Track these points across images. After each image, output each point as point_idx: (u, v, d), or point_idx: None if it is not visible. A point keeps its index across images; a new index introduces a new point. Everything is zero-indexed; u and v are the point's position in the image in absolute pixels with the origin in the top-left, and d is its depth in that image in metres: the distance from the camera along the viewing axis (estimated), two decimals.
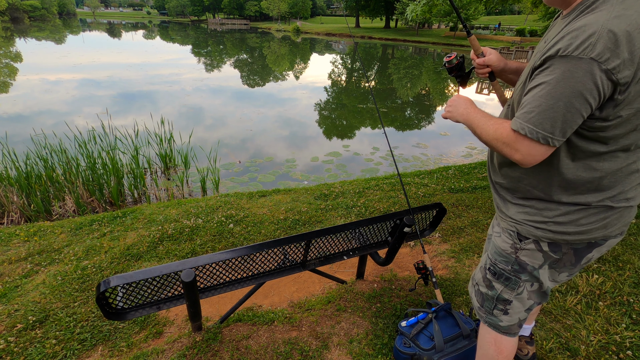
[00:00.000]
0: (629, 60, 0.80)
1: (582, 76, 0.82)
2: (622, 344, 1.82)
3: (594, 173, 0.97)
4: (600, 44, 0.79)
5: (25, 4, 73.25)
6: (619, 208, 1.02)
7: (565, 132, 0.90)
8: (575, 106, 0.85)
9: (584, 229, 1.03)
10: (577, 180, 0.99)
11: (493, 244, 1.23)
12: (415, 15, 6.83)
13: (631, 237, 2.82)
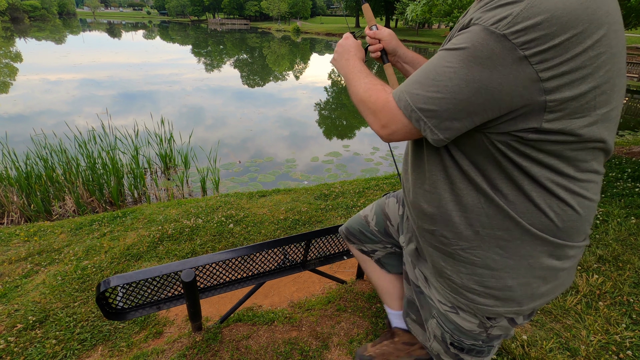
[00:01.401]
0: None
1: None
2: (622, 344, 1.82)
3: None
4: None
5: (25, 4, 73.29)
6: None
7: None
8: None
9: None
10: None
11: (446, 319, 0.94)
12: (415, 15, 6.83)
13: (631, 237, 2.82)
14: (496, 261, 0.76)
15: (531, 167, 0.67)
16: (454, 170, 0.74)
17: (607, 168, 4.57)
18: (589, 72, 0.57)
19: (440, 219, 0.79)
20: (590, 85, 0.58)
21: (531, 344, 1.83)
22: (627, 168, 4.47)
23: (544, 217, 0.70)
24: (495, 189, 0.71)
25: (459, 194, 0.75)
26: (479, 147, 0.69)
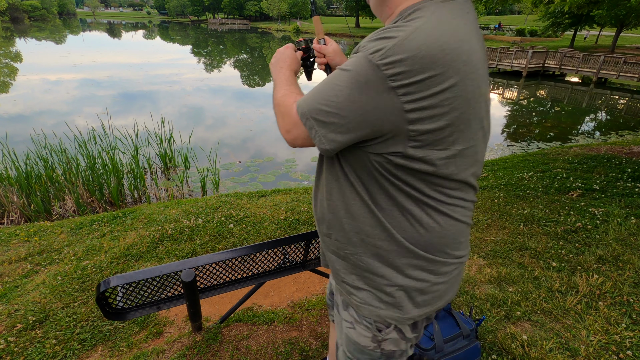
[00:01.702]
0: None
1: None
2: (622, 344, 1.82)
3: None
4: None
5: (25, 4, 73.26)
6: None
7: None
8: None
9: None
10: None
11: (346, 336, 0.97)
12: None
13: (631, 237, 2.82)
14: (378, 268, 0.82)
15: (403, 187, 0.74)
16: (344, 181, 0.81)
17: (607, 168, 4.57)
18: (446, 111, 0.64)
19: (334, 225, 0.86)
20: (447, 122, 0.66)
21: (531, 344, 1.83)
22: (627, 168, 4.47)
23: (415, 232, 0.77)
24: (375, 202, 0.78)
25: (348, 203, 0.81)
26: (361, 162, 0.76)
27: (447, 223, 0.79)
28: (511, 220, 3.25)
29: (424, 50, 0.61)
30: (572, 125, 10.35)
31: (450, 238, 0.81)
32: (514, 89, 16.43)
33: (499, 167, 5.21)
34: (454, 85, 0.64)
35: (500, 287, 2.32)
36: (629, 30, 29.37)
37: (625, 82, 17.76)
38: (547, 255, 2.64)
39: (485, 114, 0.74)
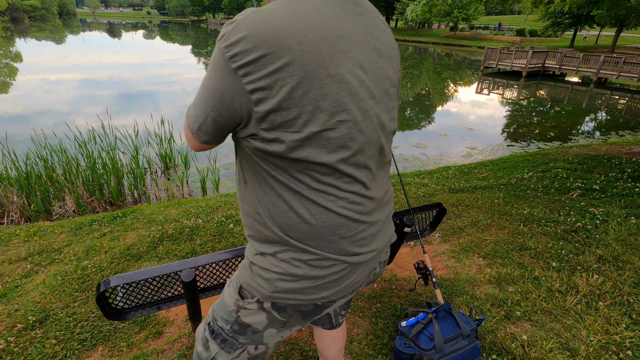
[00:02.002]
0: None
1: None
2: (622, 344, 1.82)
3: None
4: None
5: (25, 4, 73.26)
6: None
7: None
8: None
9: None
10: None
11: (222, 293, 1.00)
12: (415, 15, 6.83)
13: (631, 237, 2.82)
14: (258, 247, 0.84)
15: (272, 171, 0.74)
16: (239, 167, 0.84)
17: (607, 168, 4.57)
18: (284, 91, 0.63)
19: (241, 209, 0.89)
20: (287, 103, 0.64)
21: (531, 344, 1.83)
22: (627, 168, 4.47)
23: (287, 218, 0.76)
24: (254, 188, 0.79)
25: (243, 188, 0.84)
26: (241, 148, 0.78)
27: (316, 211, 0.75)
28: (511, 220, 3.25)
29: (255, 30, 0.62)
30: (572, 125, 10.35)
31: (323, 229, 0.77)
32: (514, 89, 16.43)
33: (499, 167, 5.21)
34: (287, 65, 0.62)
35: (500, 287, 2.32)
36: (629, 30, 29.39)
37: (625, 82, 17.76)
38: (547, 255, 2.64)
39: (357, 101, 0.70)
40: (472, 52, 33.20)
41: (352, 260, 0.82)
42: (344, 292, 0.87)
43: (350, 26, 0.70)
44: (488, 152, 7.77)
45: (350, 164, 0.74)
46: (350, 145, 0.72)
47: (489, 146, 8.19)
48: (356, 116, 0.71)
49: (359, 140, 0.73)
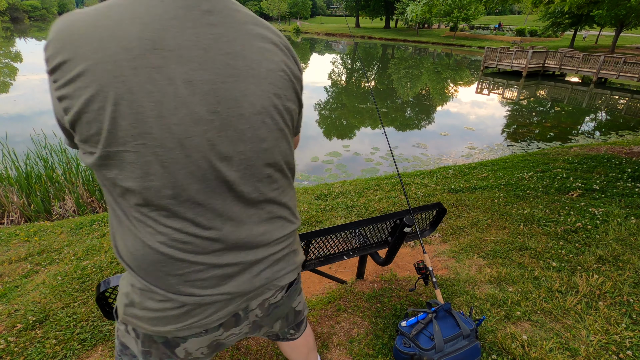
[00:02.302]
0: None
1: None
2: (622, 344, 1.82)
3: None
4: None
5: (25, 4, 73.28)
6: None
7: None
8: None
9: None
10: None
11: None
12: (415, 15, 6.83)
13: (631, 237, 2.82)
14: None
15: (105, 189, 0.67)
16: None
17: (607, 168, 4.57)
18: (79, 102, 0.58)
19: None
20: (86, 117, 0.58)
21: (531, 344, 1.84)
22: (627, 168, 4.47)
23: (119, 241, 0.71)
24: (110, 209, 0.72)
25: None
26: None
27: (135, 242, 0.67)
28: (511, 220, 3.25)
29: (58, 34, 0.58)
30: (572, 125, 10.35)
31: (144, 262, 0.69)
32: (514, 89, 16.43)
33: (499, 167, 5.21)
34: (82, 74, 0.57)
35: (500, 287, 2.32)
36: (629, 30, 29.39)
37: (625, 82, 17.76)
38: (547, 255, 2.64)
39: (168, 125, 0.59)
40: (472, 52, 33.21)
41: (187, 301, 0.72)
42: (194, 329, 0.76)
43: (181, 37, 0.59)
44: (488, 152, 7.77)
45: (165, 196, 0.63)
46: (159, 173, 0.61)
47: (489, 146, 8.19)
48: (165, 142, 0.60)
49: (172, 169, 0.61)
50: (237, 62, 0.64)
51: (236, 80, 0.63)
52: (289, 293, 0.92)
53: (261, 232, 0.76)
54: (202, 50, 0.61)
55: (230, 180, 0.67)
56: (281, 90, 0.70)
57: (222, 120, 0.63)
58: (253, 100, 0.65)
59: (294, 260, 0.88)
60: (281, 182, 0.78)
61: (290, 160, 0.79)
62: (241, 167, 0.67)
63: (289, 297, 0.93)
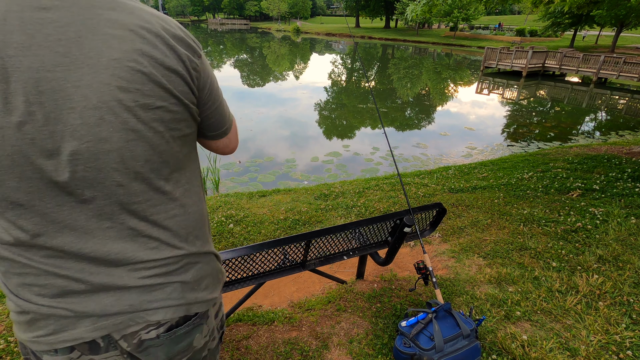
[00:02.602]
0: None
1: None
2: (622, 344, 1.82)
3: None
4: None
5: None
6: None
7: None
8: None
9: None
10: None
11: None
12: (415, 15, 6.83)
13: (631, 237, 2.82)
14: None
15: None
16: None
17: (607, 168, 4.57)
18: None
19: None
20: None
21: (531, 344, 1.84)
22: (627, 168, 4.47)
23: None
24: None
25: None
26: None
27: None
28: (511, 220, 3.25)
29: None
30: (572, 125, 10.35)
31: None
32: (514, 89, 16.43)
33: (499, 167, 5.21)
34: None
35: (500, 287, 2.32)
36: (629, 30, 29.39)
37: (625, 82, 17.76)
38: (547, 255, 2.64)
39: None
40: (472, 52, 33.21)
41: (26, 307, 0.66)
42: (43, 345, 0.69)
43: (2, 21, 0.54)
44: (488, 152, 7.77)
45: (23, 230, 0.60)
46: (13, 198, 0.57)
47: (489, 146, 8.19)
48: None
49: (34, 202, 0.58)
50: (70, 49, 0.55)
51: (67, 69, 0.55)
52: (175, 335, 0.75)
53: (117, 250, 0.66)
54: (26, 35, 0.53)
55: (61, 181, 0.58)
56: (131, 84, 0.58)
57: (47, 112, 0.55)
58: (87, 92, 0.56)
59: (184, 296, 0.74)
60: (147, 194, 0.65)
61: (164, 170, 0.66)
62: (78, 169, 0.58)
63: (175, 340, 0.75)
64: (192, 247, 0.74)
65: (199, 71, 0.67)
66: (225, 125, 0.81)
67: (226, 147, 0.87)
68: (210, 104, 0.74)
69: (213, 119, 0.77)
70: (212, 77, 0.73)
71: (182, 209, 0.72)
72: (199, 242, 0.76)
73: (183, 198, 0.71)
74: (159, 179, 0.66)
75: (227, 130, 0.83)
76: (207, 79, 0.71)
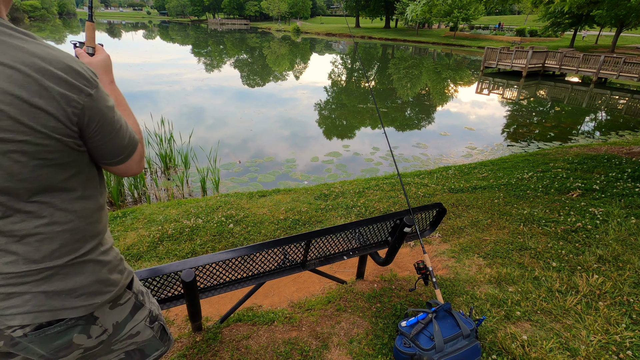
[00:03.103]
0: None
1: None
2: (622, 344, 1.82)
3: None
4: None
5: (25, 4, 73.28)
6: None
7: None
8: None
9: None
10: None
11: None
12: (415, 15, 6.83)
13: (631, 237, 2.82)
14: None
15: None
16: None
17: (607, 168, 4.57)
18: None
19: None
20: None
21: (531, 344, 1.84)
22: (627, 168, 4.47)
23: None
24: None
25: None
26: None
27: None
28: (511, 220, 3.25)
29: None
30: (572, 125, 10.35)
31: None
32: (514, 89, 16.43)
33: (499, 167, 5.21)
34: None
35: (500, 287, 2.32)
36: (629, 30, 29.39)
37: (625, 82, 17.76)
38: (547, 255, 2.64)
39: None
40: (472, 52, 33.20)
41: None
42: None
43: None
44: (488, 152, 7.77)
45: None
46: None
47: (489, 146, 8.19)
48: None
49: None
50: None
51: None
52: (45, 334, 0.83)
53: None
54: None
55: None
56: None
57: None
58: None
59: (48, 303, 0.81)
60: (6, 213, 0.71)
61: (24, 194, 0.71)
62: None
63: (47, 338, 0.84)
64: (59, 261, 0.79)
65: (82, 109, 0.72)
66: (120, 155, 0.86)
67: (124, 173, 0.92)
68: (100, 137, 0.78)
69: (104, 149, 0.81)
70: (104, 113, 0.77)
71: (48, 227, 0.76)
72: (71, 256, 0.81)
73: (51, 217, 0.76)
74: (19, 201, 0.71)
75: (123, 159, 0.87)
76: (96, 115, 0.75)
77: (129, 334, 0.99)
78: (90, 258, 0.86)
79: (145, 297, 1.07)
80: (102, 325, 0.92)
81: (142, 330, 1.02)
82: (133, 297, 1.00)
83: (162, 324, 1.11)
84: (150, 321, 1.06)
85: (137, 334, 1.01)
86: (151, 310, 1.07)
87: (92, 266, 0.87)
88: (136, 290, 1.02)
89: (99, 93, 0.76)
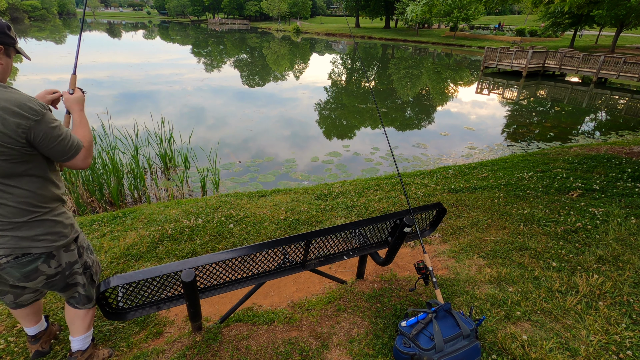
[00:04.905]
0: None
1: None
2: (622, 344, 1.82)
3: None
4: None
5: (25, 4, 73.23)
6: None
7: None
8: None
9: None
10: None
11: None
12: (415, 15, 6.83)
13: (631, 237, 2.82)
14: None
15: None
16: None
17: (607, 168, 4.57)
18: None
19: None
20: None
21: (531, 344, 1.84)
22: (627, 168, 4.47)
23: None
24: None
25: None
26: None
27: None
28: (511, 220, 3.25)
29: None
30: (572, 125, 10.35)
31: None
32: (514, 89, 16.43)
33: (499, 167, 5.21)
34: None
35: (500, 287, 2.32)
36: (629, 30, 29.39)
37: (625, 82, 17.76)
38: (547, 255, 2.64)
39: None
40: (472, 52, 33.20)
41: None
42: None
43: None
44: (488, 152, 7.77)
45: None
46: None
47: (489, 146, 8.19)
48: None
49: None
50: None
51: None
52: (19, 262, 1.35)
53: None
54: None
55: None
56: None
57: None
58: None
59: (18, 243, 1.32)
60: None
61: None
62: None
63: (20, 265, 1.36)
64: (24, 219, 1.32)
65: (31, 130, 1.22)
66: (65, 155, 1.34)
67: (71, 167, 1.40)
68: (46, 144, 1.27)
69: (52, 152, 1.31)
70: (46, 131, 1.25)
71: (15, 198, 1.29)
72: (31, 215, 1.33)
73: (16, 191, 1.28)
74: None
75: (69, 158, 1.36)
76: (41, 132, 1.24)
77: (75, 271, 1.53)
78: (47, 218, 1.37)
79: (84, 251, 1.58)
80: (58, 261, 1.44)
81: (79, 273, 1.55)
82: (77, 248, 1.52)
83: (92, 274, 1.63)
84: (85, 268, 1.58)
85: (77, 273, 1.54)
86: (86, 261, 1.59)
87: (48, 223, 1.38)
88: (79, 244, 1.54)
89: (44, 118, 1.24)
